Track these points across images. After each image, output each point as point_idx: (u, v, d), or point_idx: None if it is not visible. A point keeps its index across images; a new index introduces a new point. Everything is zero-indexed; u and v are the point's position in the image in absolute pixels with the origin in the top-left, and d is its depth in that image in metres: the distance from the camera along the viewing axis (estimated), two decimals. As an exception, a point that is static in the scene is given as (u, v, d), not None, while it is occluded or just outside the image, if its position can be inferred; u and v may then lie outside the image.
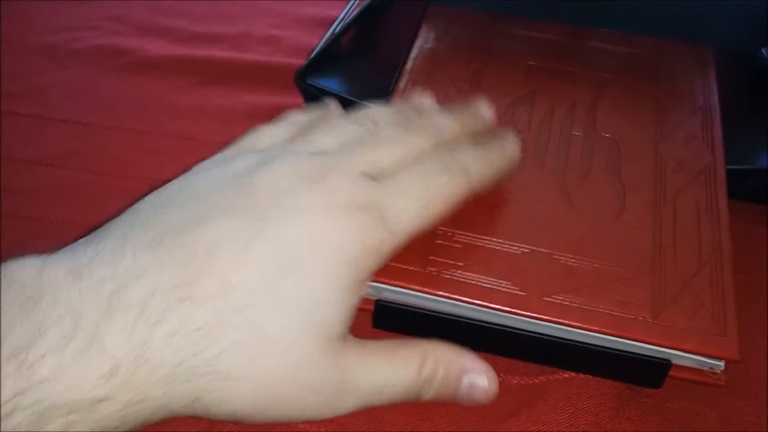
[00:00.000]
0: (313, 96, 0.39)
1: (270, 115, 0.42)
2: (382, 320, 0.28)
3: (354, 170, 0.25)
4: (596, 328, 0.25)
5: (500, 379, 0.26)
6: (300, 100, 0.40)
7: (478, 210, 0.29)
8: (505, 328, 0.27)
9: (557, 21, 0.39)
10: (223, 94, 0.44)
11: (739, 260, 0.34)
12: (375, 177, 0.25)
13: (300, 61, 0.41)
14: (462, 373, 0.25)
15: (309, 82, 0.38)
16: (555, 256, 0.28)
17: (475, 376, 0.25)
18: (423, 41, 0.38)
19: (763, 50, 0.38)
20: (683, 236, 0.28)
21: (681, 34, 0.37)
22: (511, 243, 0.28)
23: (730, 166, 0.34)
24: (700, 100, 0.35)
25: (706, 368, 0.26)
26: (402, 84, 0.35)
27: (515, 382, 0.28)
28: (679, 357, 0.26)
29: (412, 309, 0.27)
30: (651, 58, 0.37)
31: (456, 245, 0.28)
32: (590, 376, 0.28)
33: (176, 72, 0.46)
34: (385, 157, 0.26)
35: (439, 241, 0.28)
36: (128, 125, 0.41)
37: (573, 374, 0.28)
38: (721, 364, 0.26)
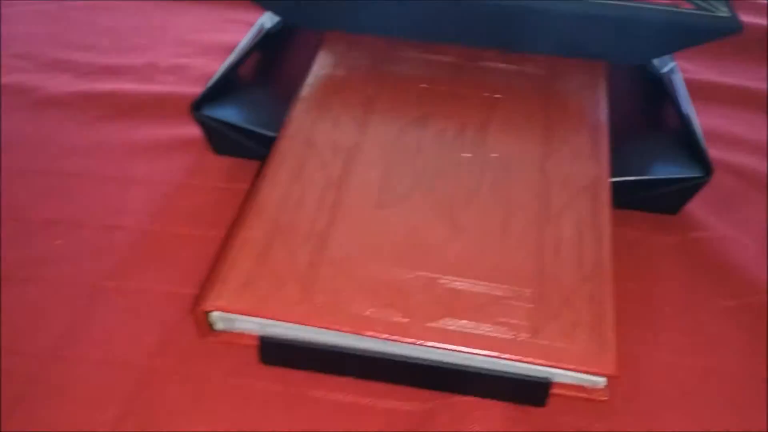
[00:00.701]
0: (210, 127, 0.39)
1: (169, 147, 0.42)
2: (268, 356, 0.28)
3: None
4: (476, 351, 0.25)
5: (389, 406, 0.26)
6: (199, 130, 0.40)
7: (364, 235, 0.29)
8: (391, 356, 0.27)
9: (453, 44, 0.39)
10: (124, 129, 0.43)
11: (634, 269, 0.35)
12: None
13: (206, 90, 0.41)
14: None
15: (204, 113, 0.38)
16: (440, 280, 0.28)
17: None
18: (319, 68, 0.38)
19: (654, 62, 0.39)
20: (565, 253, 0.29)
21: (573, 52, 0.38)
22: (397, 268, 0.28)
23: (624, 178, 0.35)
24: (588, 115, 0.35)
25: (588, 385, 0.26)
26: (296, 112, 0.35)
27: (405, 408, 0.28)
28: (559, 375, 0.26)
29: (296, 343, 0.27)
30: (543, 76, 0.38)
31: (339, 274, 0.27)
32: (479, 398, 0.28)
33: (79, 108, 0.45)
34: None
35: (320, 270, 0.27)
36: (25, 166, 0.40)
37: (461, 397, 0.28)
38: (602, 380, 0.26)
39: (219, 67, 0.41)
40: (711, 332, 0.32)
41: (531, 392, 0.26)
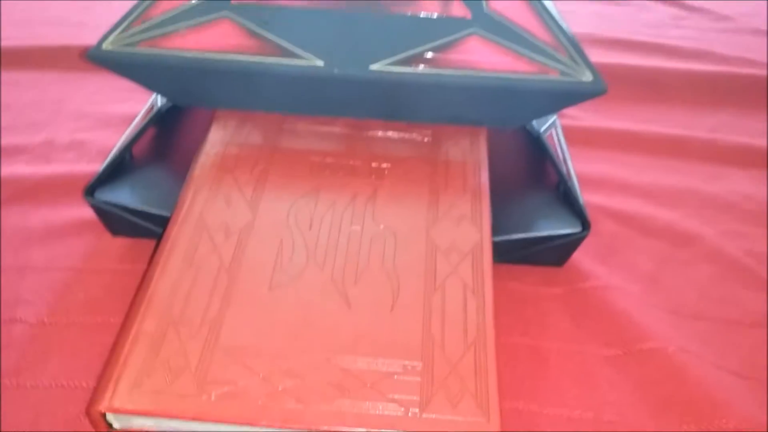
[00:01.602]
0: (104, 211, 0.39)
1: (65, 231, 0.42)
2: (165, 451, 0.28)
3: None
4: (371, 430, 0.26)
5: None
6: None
7: (257, 320, 0.29)
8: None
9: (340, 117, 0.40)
10: (20, 214, 0.43)
11: (523, 323, 0.37)
12: None
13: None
14: None
15: (98, 197, 0.38)
16: (333, 360, 0.28)
17: None
18: (210, 146, 0.39)
19: (533, 123, 0.41)
20: (451, 321, 0.30)
21: (453, 120, 0.39)
22: (290, 351, 0.29)
23: (508, 237, 0.37)
24: (470, 179, 0.37)
25: (478, 450, 0.27)
26: (187, 193, 0.36)
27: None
28: (449, 445, 0.27)
29: (193, 438, 0.27)
30: (428, 143, 0.39)
31: (232, 363, 0.28)
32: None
33: (-27, 194, 0.44)
34: None
35: (213, 361, 0.28)
36: None
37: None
38: (490, 444, 0.27)
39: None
40: (597, 382, 0.34)
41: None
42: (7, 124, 0.53)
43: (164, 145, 0.43)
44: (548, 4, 0.38)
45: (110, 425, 0.28)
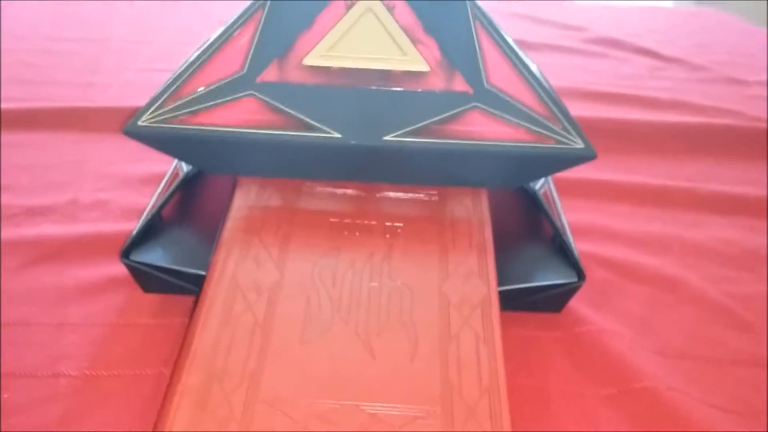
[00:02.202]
0: (139, 271, 0.42)
1: (99, 288, 0.45)
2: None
3: None
4: (397, 471, 0.30)
5: None
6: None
7: (291, 373, 0.33)
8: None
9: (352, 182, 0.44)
10: (53, 273, 0.46)
11: (527, 366, 0.40)
12: None
13: (129, 225, 0.44)
14: None
15: (133, 259, 0.41)
16: (361, 407, 0.32)
17: None
18: (236, 210, 0.42)
19: (531, 184, 0.45)
20: (466, 369, 0.33)
21: (457, 183, 0.43)
22: (323, 400, 0.32)
23: (510, 287, 0.41)
24: (475, 236, 0.41)
25: (493, 487, 0.31)
26: (219, 255, 0.39)
27: None
28: (469, 483, 0.30)
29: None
30: (435, 202, 0.43)
31: (273, 413, 0.31)
32: None
33: (5, 255, 0.47)
34: None
35: (255, 411, 0.31)
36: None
37: None
38: (507, 481, 0.31)
39: (139, 200, 0.45)
40: (596, 420, 0.37)
41: (447, 501, 0.31)
42: (29, 185, 0.57)
43: (190, 207, 0.46)
44: (535, 70, 0.42)
45: (163, 473, 0.31)
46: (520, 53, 0.42)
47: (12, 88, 0.70)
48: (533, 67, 0.42)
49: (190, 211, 0.46)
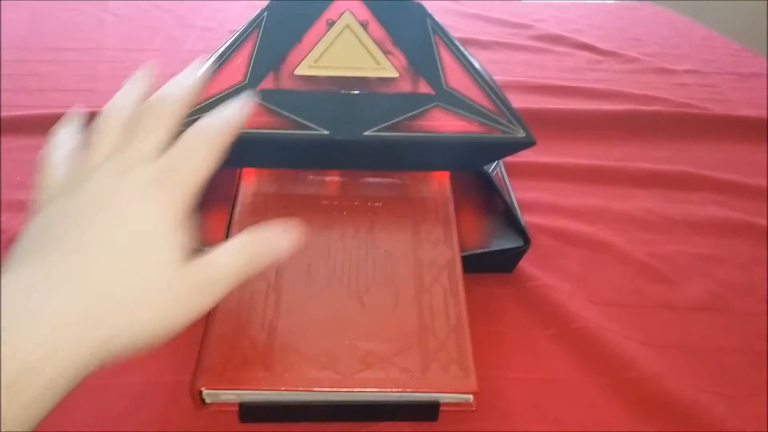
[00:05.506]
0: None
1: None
2: (246, 416, 0.40)
3: (138, 159, 0.34)
4: (388, 389, 0.39)
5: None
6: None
7: (301, 320, 0.41)
8: (332, 402, 0.39)
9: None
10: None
11: (486, 316, 0.50)
12: (153, 159, 0.34)
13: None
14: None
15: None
16: (358, 344, 0.41)
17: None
18: (243, 197, 0.51)
19: (486, 167, 0.54)
20: (437, 314, 0.43)
21: (423, 168, 0.53)
22: (327, 340, 0.41)
23: (470, 252, 0.50)
24: (441, 212, 0.50)
25: (462, 401, 0.40)
26: (234, 232, 0.48)
27: (340, 437, 0.41)
28: (443, 397, 0.40)
29: (265, 404, 0.39)
30: (407, 185, 0.52)
31: (288, 351, 0.40)
32: (393, 422, 0.41)
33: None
34: (152, 143, 0.35)
35: (274, 350, 0.40)
36: None
37: (381, 424, 0.41)
38: (470, 396, 0.40)
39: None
40: (542, 354, 0.47)
41: (427, 411, 0.40)
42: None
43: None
44: (482, 71, 0.51)
45: (204, 401, 0.40)
46: (471, 58, 0.51)
47: (19, 97, 0.77)
48: (481, 69, 0.51)
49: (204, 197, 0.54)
